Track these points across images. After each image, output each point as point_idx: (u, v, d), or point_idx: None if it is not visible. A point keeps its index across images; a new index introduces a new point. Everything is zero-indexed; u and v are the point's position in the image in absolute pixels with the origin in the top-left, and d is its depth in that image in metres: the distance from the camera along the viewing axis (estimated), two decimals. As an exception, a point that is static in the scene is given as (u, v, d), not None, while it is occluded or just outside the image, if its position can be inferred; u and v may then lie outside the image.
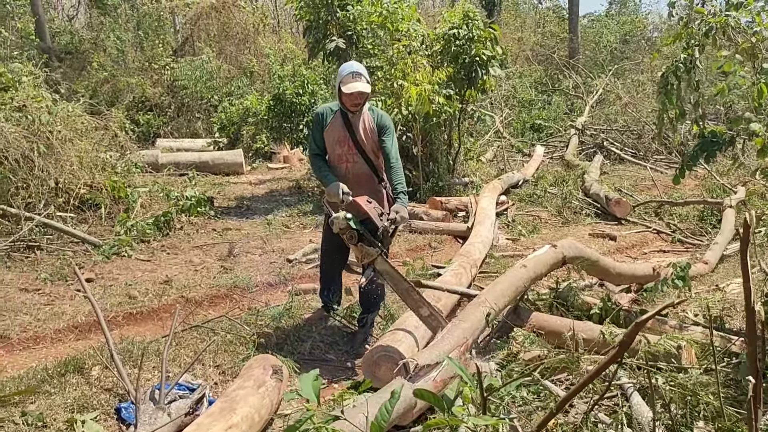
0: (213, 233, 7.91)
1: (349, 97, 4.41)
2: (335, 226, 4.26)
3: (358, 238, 4.26)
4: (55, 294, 5.73)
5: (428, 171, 9.79)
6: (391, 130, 4.63)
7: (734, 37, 4.31)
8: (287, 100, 10.74)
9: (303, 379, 1.65)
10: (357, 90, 4.37)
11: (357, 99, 4.44)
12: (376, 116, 4.61)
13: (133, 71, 17.53)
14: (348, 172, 4.57)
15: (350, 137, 4.52)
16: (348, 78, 4.38)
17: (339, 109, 4.56)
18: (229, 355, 4.42)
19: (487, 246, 6.85)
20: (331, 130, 4.54)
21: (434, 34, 9.46)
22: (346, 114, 4.52)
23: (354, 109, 4.49)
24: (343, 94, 4.41)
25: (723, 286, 5.88)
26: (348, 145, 4.54)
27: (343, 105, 4.49)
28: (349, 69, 4.45)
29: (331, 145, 4.56)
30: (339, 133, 4.53)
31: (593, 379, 1.77)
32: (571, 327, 4.28)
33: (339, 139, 4.53)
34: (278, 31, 22.10)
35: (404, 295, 4.35)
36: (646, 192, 10.63)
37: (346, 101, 4.45)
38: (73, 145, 7.66)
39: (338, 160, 4.57)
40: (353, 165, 4.57)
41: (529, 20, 25.85)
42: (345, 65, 4.57)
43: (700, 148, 4.66)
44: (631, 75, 18.20)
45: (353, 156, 4.56)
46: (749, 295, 1.64)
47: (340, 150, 4.55)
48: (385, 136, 4.55)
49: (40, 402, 3.73)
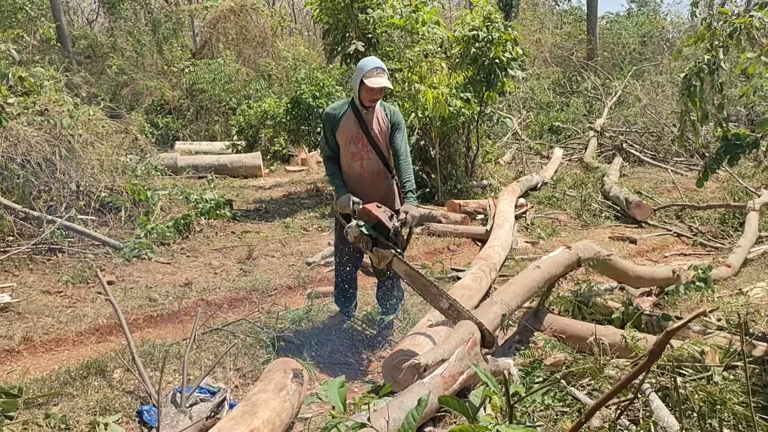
0: (232, 236, 7.95)
1: (371, 92, 4.39)
2: (350, 236, 4.32)
3: (373, 243, 4.31)
4: (76, 296, 5.78)
5: (446, 173, 9.77)
6: (403, 126, 4.65)
7: (759, 38, 4.25)
8: (305, 103, 10.77)
9: (329, 385, 1.65)
10: (382, 85, 4.36)
11: (378, 94, 4.45)
12: (389, 112, 4.62)
13: (152, 74, 17.68)
14: (363, 170, 4.57)
15: (364, 134, 4.51)
16: (372, 72, 4.35)
17: (349, 106, 4.55)
18: (249, 358, 4.43)
19: (506, 249, 6.81)
20: (344, 128, 4.52)
21: (453, 36, 9.44)
22: (359, 111, 4.51)
23: (370, 104, 4.48)
24: (365, 88, 4.38)
25: (746, 290, 5.81)
26: (362, 142, 4.52)
27: (360, 100, 4.47)
28: (372, 64, 4.41)
29: (345, 143, 4.54)
30: (353, 130, 4.51)
31: (623, 388, 1.75)
32: (593, 331, 4.24)
33: (353, 136, 4.52)
34: (294, 34, 22.16)
35: (423, 291, 4.35)
36: (666, 195, 10.53)
37: (366, 96, 4.43)
38: (93, 149, 7.74)
39: (352, 158, 4.55)
40: (368, 162, 4.56)
41: (547, 21, 25.73)
42: (367, 60, 4.51)
43: (723, 150, 4.60)
44: (650, 76, 18.06)
45: (368, 153, 4.55)
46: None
47: (354, 147, 4.54)
48: (398, 132, 4.58)
49: (63, 404, 3.76)
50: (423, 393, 3.32)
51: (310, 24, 27.67)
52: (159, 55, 18.95)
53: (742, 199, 8.93)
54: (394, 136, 4.56)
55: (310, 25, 27.61)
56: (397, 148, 4.55)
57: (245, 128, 13.94)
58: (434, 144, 9.31)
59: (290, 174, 12.66)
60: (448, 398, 1.76)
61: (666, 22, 24.90)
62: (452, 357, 3.67)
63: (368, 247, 4.32)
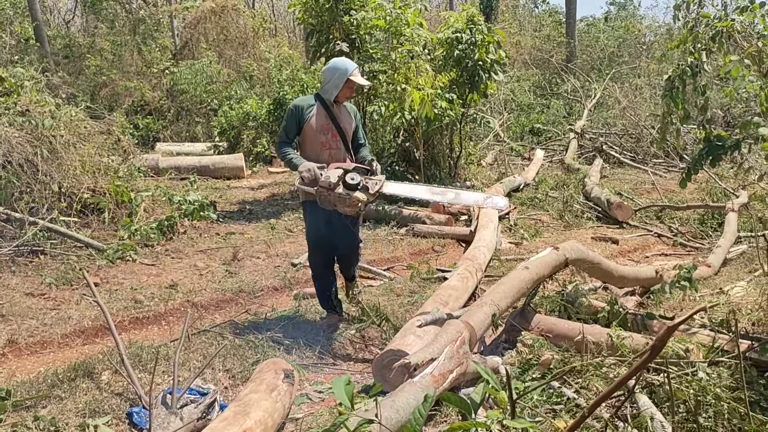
0: (216, 237, 7.92)
1: (351, 89, 4.93)
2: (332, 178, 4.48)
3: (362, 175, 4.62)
4: (60, 298, 5.72)
5: (430, 175, 9.81)
6: (360, 117, 5.32)
7: (740, 41, 4.34)
8: (287, 104, 10.76)
9: (335, 383, 1.66)
10: (366, 83, 5.06)
11: (354, 92, 5.10)
12: (352, 111, 5.15)
13: (132, 75, 17.54)
14: (331, 158, 4.90)
15: (333, 125, 4.93)
16: (356, 71, 4.87)
17: (317, 101, 4.94)
18: (238, 359, 4.43)
19: (491, 250, 6.87)
20: (314, 121, 4.89)
21: (437, 38, 9.49)
22: (328, 107, 4.92)
23: (345, 100, 5.02)
24: (349, 85, 4.85)
25: (727, 289, 5.91)
26: (332, 133, 4.94)
27: (337, 96, 4.88)
28: (353, 64, 4.92)
29: (315, 134, 4.89)
30: (323, 122, 4.90)
31: (624, 383, 1.79)
32: (580, 330, 4.30)
33: (323, 127, 4.90)
34: (276, 35, 22.11)
35: (426, 194, 4.93)
36: (646, 195, 10.67)
37: (347, 93, 4.93)
38: (75, 150, 7.66)
39: (321, 147, 4.91)
40: (336, 151, 4.95)
41: (526, 24, 25.91)
42: (344, 61, 4.97)
43: (705, 151, 4.68)
44: (628, 79, 18.27)
45: (337, 143, 4.95)
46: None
47: (323, 138, 4.91)
48: (360, 126, 5.19)
49: (52, 407, 3.73)
50: (414, 392, 3.36)
51: (290, 25, 27.65)
52: (138, 55, 18.80)
53: (720, 200, 9.07)
54: (358, 130, 5.15)
55: (290, 27, 27.59)
56: (360, 139, 5.18)
57: (227, 129, 13.89)
58: (418, 145, 9.35)
59: (273, 175, 12.62)
60: (450, 395, 1.78)
61: (642, 25, 25.16)
62: (441, 356, 3.70)
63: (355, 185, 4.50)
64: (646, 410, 3.39)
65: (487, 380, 1.79)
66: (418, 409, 1.60)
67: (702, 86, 4.48)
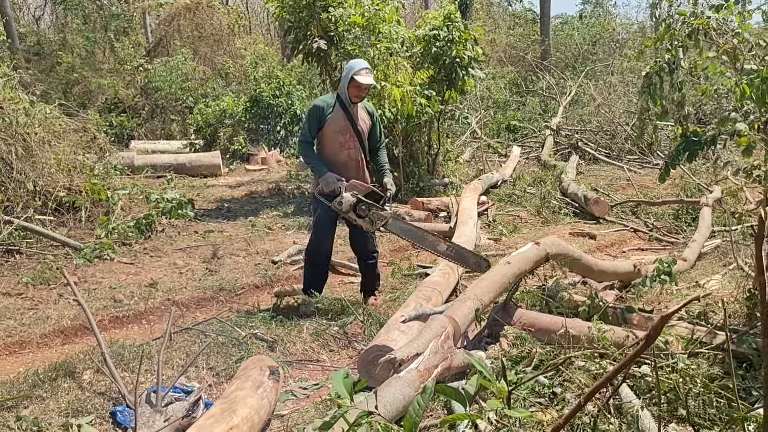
0: (195, 235, 7.86)
1: (358, 88, 4.98)
2: (344, 206, 4.87)
3: (369, 208, 4.93)
4: (38, 298, 5.65)
5: (409, 171, 9.84)
6: (379, 120, 5.41)
7: (716, 38, 4.41)
8: (264, 102, 10.72)
9: (334, 376, 1.67)
10: (370, 83, 5.02)
11: (364, 92, 5.08)
12: (371, 110, 5.30)
13: (104, 72, 17.32)
14: (349, 158, 5.12)
15: (351, 126, 5.08)
16: (361, 71, 4.95)
17: (337, 102, 5.06)
18: (221, 357, 4.40)
19: (471, 246, 6.91)
20: (333, 121, 5.03)
21: (414, 35, 9.51)
22: (346, 107, 5.05)
23: (357, 100, 5.07)
24: (354, 84, 4.94)
25: (703, 282, 6.02)
26: (350, 134, 5.09)
27: (348, 96, 5.02)
28: (361, 64, 5.03)
29: (333, 134, 5.06)
30: (341, 123, 5.05)
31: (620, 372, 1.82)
32: (562, 324, 4.35)
33: (342, 128, 5.06)
34: (251, 32, 21.97)
35: (421, 241, 5.16)
36: (621, 191, 10.80)
37: (354, 92, 5.00)
38: (51, 148, 7.56)
39: (340, 147, 5.09)
40: (354, 151, 5.13)
41: (501, 22, 26.05)
42: (357, 61, 5.14)
43: (683, 147, 4.75)
44: (602, 76, 18.45)
45: (354, 143, 5.12)
46: (764, 288, 1.70)
47: (342, 138, 5.07)
48: (377, 126, 5.29)
49: (34, 407, 3.68)
50: (401, 387, 3.38)
51: (264, 22, 27.51)
52: (111, 52, 18.57)
53: (694, 196, 9.22)
54: (374, 129, 5.27)
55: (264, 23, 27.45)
56: (378, 139, 5.31)
57: (203, 127, 13.80)
58: (397, 142, 9.36)
59: (250, 173, 12.55)
60: (444, 387, 1.80)
61: (616, 23, 25.42)
62: (426, 351, 3.72)
63: (365, 213, 4.92)
64: (629, 402, 3.45)
65: (480, 372, 1.81)
66: (417, 401, 1.62)
67: (679, 82, 4.55)
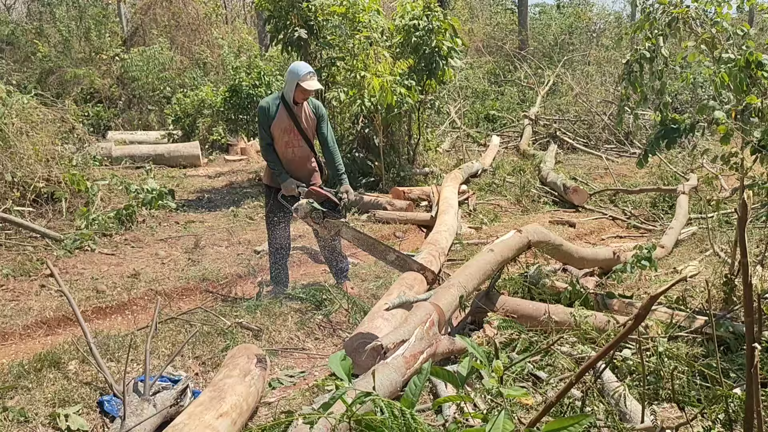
0: (176, 226, 7.83)
1: (305, 92, 5.09)
2: (300, 212, 4.94)
3: (323, 216, 4.99)
4: (19, 290, 5.61)
5: (389, 161, 9.85)
6: (327, 117, 5.42)
7: (695, 27, 4.49)
8: (243, 92, 10.66)
9: (332, 358, 1.70)
10: (316, 88, 5.09)
11: (309, 95, 5.18)
12: (314, 106, 5.31)
13: (80, 62, 17.07)
14: (295, 156, 5.26)
15: (295, 126, 5.19)
16: (307, 76, 5.03)
17: (281, 102, 5.16)
18: (207, 346, 4.42)
19: (452, 234, 6.96)
20: (278, 121, 5.15)
21: (394, 25, 9.51)
22: (290, 107, 5.15)
23: (302, 101, 5.18)
24: (302, 90, 5.05)
25: (680, 268, 6.14)
26: (294, 133, 5.20)
27: (293, 98, 5.11)
28: (305, 68, 5.08)
29: (279, 134, 5.18)
30: (286, 123, 5.16)
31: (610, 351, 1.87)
32: (544, 311, 4.42)
33: (286, 128, 5.17)
34: (231, 21, 21.78)
35: (372, 249, 5.21)
36: (599, 180, 10.91)
37: (300, 96, 5.11)
38: (28, 138, 7.47)
39: (285, 146, 5.22)
40: (299, 149, 5.26)
41: (478, 11, 26.08)
42: (300, 65, 5.16)
43: (662, 134, 4.83)
44: (579, 66, 18.58)
45: (299, 142, 5.24)
46: (746, 270, 1.76)
47: (287, 138, 5.20)
48: (323, 123, 5.33)
49: (20, 397, 3.67)
50: (388, 373, 3.42)
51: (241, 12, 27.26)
52: (87, 42, 18.29)
53: (671, 184, 9.36)
54: (320, 127, 5.31)
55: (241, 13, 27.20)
56: (325, 137, 5.33)
57: (181, 117, 13.69)
58: (378, 132, 9.38)
59: (230, 163, 12.50)
60: (438, 369, 1.84)
61: (592, 13, 25.57)
62: (412, 337, 3.77)
63: (318, 220, 4.99)
64: (611, 384, 3.54)
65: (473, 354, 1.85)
66: (414, 381, 1.66)
67: (659, 70, 4.63)
